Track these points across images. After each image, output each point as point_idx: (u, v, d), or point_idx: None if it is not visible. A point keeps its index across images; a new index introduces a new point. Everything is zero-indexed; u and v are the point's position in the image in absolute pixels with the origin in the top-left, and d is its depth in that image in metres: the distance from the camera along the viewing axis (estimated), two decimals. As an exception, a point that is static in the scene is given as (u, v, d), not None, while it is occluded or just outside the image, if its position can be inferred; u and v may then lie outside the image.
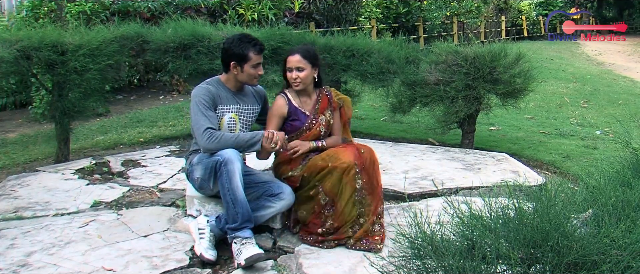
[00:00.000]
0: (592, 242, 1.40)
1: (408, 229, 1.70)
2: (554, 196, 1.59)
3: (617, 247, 1.42)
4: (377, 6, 16.06)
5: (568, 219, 1.50)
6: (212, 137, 3.25)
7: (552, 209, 1.48)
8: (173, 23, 6.23)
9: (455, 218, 1.59)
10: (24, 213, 4.00)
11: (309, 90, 3.70)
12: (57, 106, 5.31)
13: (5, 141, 6.82)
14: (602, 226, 1.48)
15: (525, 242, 1.41)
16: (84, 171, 5.03)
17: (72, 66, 5.11)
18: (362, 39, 6.11)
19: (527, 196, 1.63)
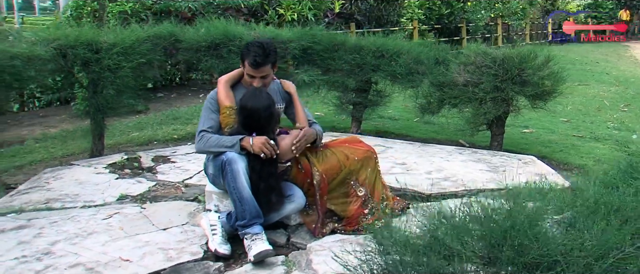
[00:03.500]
0: (552, 243, 1.41)
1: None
2: (527, 196, 1.60)
3: (582, 248, 1.42)
4: (420, 7, 15.98)
5: (536, 219, 1.50)
6: (202, 139, 3.43)
7: (519, 209, 1.50)
8: (206, 22, 6.37)
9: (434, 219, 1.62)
10: (53, 205, 4.16)
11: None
12: (91, 102, 5.50)
13: (46, 136, 7.08)
14: (575, 228, 1.48)
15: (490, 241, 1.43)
16: (115, 166, 5.19)
17: (106, 64, 5.29)
18: (392, 40, 6.13)
19: (503, 197, 1.65)
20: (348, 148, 3.69)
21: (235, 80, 3.65)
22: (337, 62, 6.11)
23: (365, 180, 3.62)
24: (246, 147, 3.30)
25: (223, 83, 3.61)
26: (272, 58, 3.55)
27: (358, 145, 3.76)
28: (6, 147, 6.58)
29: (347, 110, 6.58)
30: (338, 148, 3.71)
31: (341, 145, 3.78)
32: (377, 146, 5.65)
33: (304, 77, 5.99)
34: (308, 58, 6.27)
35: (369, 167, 3.65)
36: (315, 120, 3.86)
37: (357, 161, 3.61)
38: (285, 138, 3.49)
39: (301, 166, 3.52)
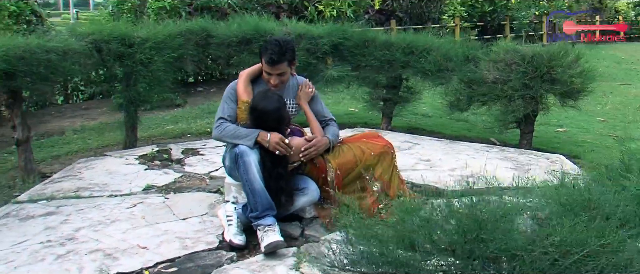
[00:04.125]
0: (514, 238, 1.41)
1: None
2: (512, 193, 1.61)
3: (548, 244, 1.42)
4: (462, 4, 15.80)
5: (505, 215, 1.51)
6: (220, 126, 3.49)
7: (483, 204, 1.51)
8: (238, 18, 6.48)
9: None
10: (82, 193, 4.32)
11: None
12: (124, 95, 5.67)
13: (85, 128, 7.32)
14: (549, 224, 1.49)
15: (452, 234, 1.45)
16: (145, 158, 5.34)
17: (139, 58, 5.44)
18: (422, 37, 6.13)
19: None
20: (365, 143, 3.72)
21: (256, 75, 3.71)
22: (367, 58, 6.13)
23: (381, 175, 3.64)
24: (262, 142, 3.36)
25: (244, 77, 3.67)
26: (288, 56, 3.56)
27: (375, 140, 3.78)
28: (46, 138, 6.83)
29: (378, 106, 6.59)
30: (355, 143, 3.74)
31: (358, 140, 3.81)
32: (404, 143, 5.69)
33: (333, 73, 6.03)
34: (339, 55, 6.31)
35: (385, 162, 3.67)
36: (333, 117, 3.88)
37: (373, 157, 3.63)
38: (295, 139, 3.53)
39: (316, 162, 3.56)
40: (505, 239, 1.42)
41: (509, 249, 1.41)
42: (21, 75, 4.51)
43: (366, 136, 3.89)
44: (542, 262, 1.39)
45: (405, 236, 1.48)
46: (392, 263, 1.45)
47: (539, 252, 1.40)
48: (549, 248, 1.41)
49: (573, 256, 1.37)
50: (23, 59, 4.48)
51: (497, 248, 1.41)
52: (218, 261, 3.16)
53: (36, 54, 4.59)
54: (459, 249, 1.45)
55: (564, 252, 1.40)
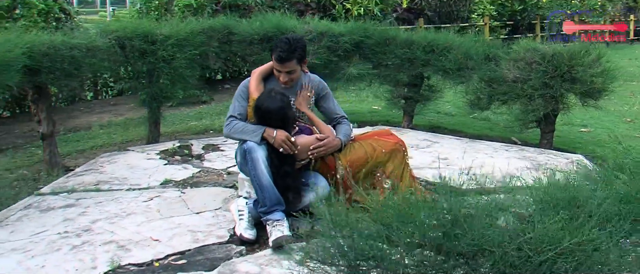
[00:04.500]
0: (485, 234, 1.43)
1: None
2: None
3: (523, 241, 1.43)
4: (491, 3, 15.64)
5: (482, 212, 1.52)
6: (229, 124, 3.56)
7: (457, 201, 1.53)
8: (261, 16, 6.55)
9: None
10: (102, 186, 4.43)
11: None
12: (147, 92, 5.77)
13: (111, 123, 7.47)
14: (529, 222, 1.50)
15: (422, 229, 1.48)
16: (166, 153, 5.44)
17: (161, 55, 5.54)
18: (443, 35, 6.11)
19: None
20: (376, 140, 3.74)
21: (268, 73, 3.75)
22: (388, 56, 6.14)
23: (392, 173, 3.65)
24: (268, 139, 3.41)
25: (256, 75, 3.73)
26: (297, 54, 3.58)
27: (387, 137, 3.79)
28: (73, 133, 6.99)
29: (399, 104, 6.59)
30: (366, 140, 3.76)
31: (370, 137, 3.83)
32: (424, 141, 5.69)
33: (353, 71, 6.05)
34: (360, 53, 6.33)
35: (396, 160, 3.68)
36: (345, 115, 3.90)
37: (384, 154, 3.64)
38: (303, 137, 3.56)
39: (325, 159, 3.60)
40: (477, 235, 1.43)
41: (480, 245, 1.42)
42: (45, 71, 4.63)
43: (378, 133, 3.91)
44: (514, 259, 1.40)
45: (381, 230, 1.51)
46: (368, 256, 1.48)
47: (511, 248, 1.41)
48: (522, 245, 1.42)
49: (546, 254, 1.38)
50: (47, 55, 4.61)
51: (467, 243, 1.43)
52: (227, 255, 3.22)
53: (60, 51, 4.72)
54: (429, 244, 1.47)
55: (537, 249, 1.41)
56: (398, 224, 1.48)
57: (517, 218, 1.63)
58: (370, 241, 1.50)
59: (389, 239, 1.49)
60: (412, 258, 1.49)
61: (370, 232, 1.53)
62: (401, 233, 1.47)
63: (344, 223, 1.60)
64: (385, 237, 1.49)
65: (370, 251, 1.48)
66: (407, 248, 1.49)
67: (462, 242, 1.43)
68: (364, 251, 1.49)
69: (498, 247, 1.41)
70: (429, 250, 1.49)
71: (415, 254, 1.50)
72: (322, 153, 3.55)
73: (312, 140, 3.53)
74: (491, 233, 1.43)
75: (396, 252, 1.50)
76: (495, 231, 1.44)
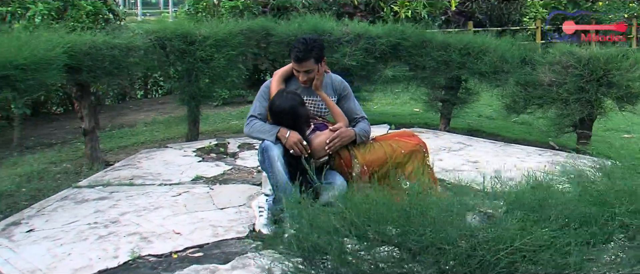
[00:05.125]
0: (437, 231, 1.45)
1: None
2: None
3: (479, 240, 1.45)
4: (544, 6, 15.30)
5: (442, 210, 1.55)
6: (249, 124, 3.64)
7: (418, 199, 1.56)
8: (299, 17, 6.65)
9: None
10: (136, 181, 4.61)
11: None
12: (186, 91, 5.95)
13: (155, 121, 7.72)
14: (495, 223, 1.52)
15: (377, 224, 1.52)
16: (203, 150, 5.59)
17: (199, 55, 5.71)
18: (479, 37, 6.07)
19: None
20: (396, 141, 3.75)
21: (289, 74, 3.83)
22: (424, 58, 6.13)
23: (411, 174, 3.66)
24: (281, 139, 3.48)
25: (277, 76, 3.81)
26: (314, 54, 3.63)
27: (408, 138, 3.80)
28: (119, 129, 7.26)
29: (436, 107, 6.57)
30: (387, 141, 3.78)
31: (391, 138, 3.85)
32: (457, 144, 5.67)
33: (388, 73, 6.08)
34: (397, 55, 6.34)
35: (416, 161, 3.68)
36: (365, 115, 3.92)
37: (404, 155, 3.65)
38: (320, 135, 3.61)
39: (342, 156, 3.63)
40: (430, 231, 1.46)
41: (432, 241, 1.45)
42: (86, 69, 4.84)
43: (399, 134, 3.94)
44: (466, 257, 1.42)
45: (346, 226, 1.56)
46: (320, 249, 1.54)
47: (464, 246, 1.43)
48: (475, 243, 1.44)
49: (498, 253, 1.40)
50: (88, 55, 4.82)
51: (414, 239, 1.46)
52: (243, 249, 3.31)
53: (101, 50, 4.92)
54: (382, 238, 1.51)
55: (489, 248, 1.42)
56: (355, 218, 1.53)
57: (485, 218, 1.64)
58: (325, 234, 1.55)
59: (351, 234, 1.54)
60: (367, 252, 1.54)
61: (324, 224, 1.58)
62: (359, 228, 1.51)
63: (303, 215, 1.65)
64: (347, 230, 1.54)
65: (325, 244, 1.54)
66: (358, 241, 1.53)
67: (409, 238, 1.47)
68: (317, 244, 1.55)
69: (451, 244, 1.43)
70: (383, 245, 1.54)
71: (367, 248, 1.54)
72: (338, 144, 3.58)
73: (326, 135, 3.58)
74: (450, 230, 1.46)
75: (353, 246, 1.55)
76: (453, 230, 1.47)
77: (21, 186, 4.84)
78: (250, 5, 9.38)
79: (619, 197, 1.66)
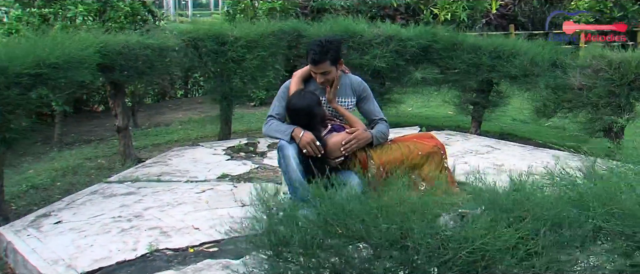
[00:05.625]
0: (399, 228, 1.47)
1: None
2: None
3: (442, 239, 1.47)
4: (588, 10, 14.91)
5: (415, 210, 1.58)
6: (267, 123, 3.70)
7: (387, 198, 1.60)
8: (331, 19, 6.70)
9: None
10: (163, 178, 4.74)
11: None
12: (218, 90, 6.08)
13: (191, 120, 7.89)
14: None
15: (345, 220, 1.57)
16: (232, 149, 5.70)
17: (230, 56, 5.82)
18: (510, 40, 6.03)
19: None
20: (414, 143, 3.76)
21: (308, 75, 3.88)
22: (454, 61, 6.10)
23: (428, 175, 3.67)
24: (295, 139, 3.53)
25: (297, 77, 3.86)
26: (330, 55, 3.65)
27: (426, 140, 3.81)
28: (154, 128, 7.45)
29: (467, 109, 6.53)
30: (404, 142, 3.79)
31: (409, 139, 3.86)
32: (485, 147, 5.63)
33: (418, 75, 6.07)
34: (428, 57, 6.33)
35: (433, 163, 3.68)
36: (384, 117, 3.92)
37: (421, 156, 3.66)
38: (335, 135, 3.64)
39: (359, 156, 3.66)
40: (396, 229, 1.49)
41: (398, 240, 1.48)
42: (119, 69, 4.99)
43: (418, 136, 3.94)
44: (429, 255, 1.44)
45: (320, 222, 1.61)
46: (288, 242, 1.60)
47: (429, 244, 1.46)
48: (438, 240, 1.46)
49: (458, 251, 1.42)
50: (121, 54, 4.97)
51: (376, 235, 1.50)
52: (257, 246, 3.38)
53: (134, 50, 5.08)
54: (352, 234, 1.55)
55: (454, 248, 1.44)
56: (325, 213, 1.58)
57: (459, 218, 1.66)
58: (294, 228, 1.61)
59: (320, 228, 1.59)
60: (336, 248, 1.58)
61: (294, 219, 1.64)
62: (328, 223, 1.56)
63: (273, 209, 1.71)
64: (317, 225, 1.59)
65: (290, 237, 1.60)
66: (326, 235, 1.58)
67: (374, 234, 1.50)
68: (284, 237, 1.61)
69: (415, 242, 1.46)
70: (352, 240, 1.58)
71: (337, 243, 1.58)
72: (354, 146, 3.61)
73: (342, 136, 3.61)
74: (415, 228, 1.49)
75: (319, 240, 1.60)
76: (420, 227, 1.50)
77: (56, 180, 5.05)
78: (288, 7, 9.47)
79: (597, 200, 1.66)
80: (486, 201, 1.71)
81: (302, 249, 1.62)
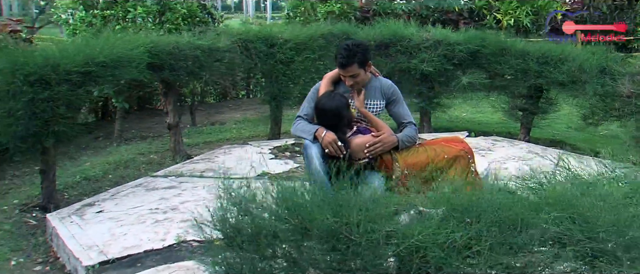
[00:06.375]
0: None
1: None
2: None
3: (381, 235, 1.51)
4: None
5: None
6: (295, 123, 3.79)
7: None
8: (382, 22, 6.74)
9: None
10: (206, 174, 4.92)
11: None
12: (268, 91, 6.24)
13: (246, 120, 8.09)
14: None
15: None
16: (278, 149, 5.83)
17: (279, 57, 5.96)
18: (559, 46, 5.89)
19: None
20: (441, 146, 3.75)
21: (338, 77, 3.94)
22: (502, 66, 6.02)
23: (453, 179, 3.65)
24: (318, 139, 3.60)
25: (327, 79, 3.93)
26: (358, 58, 3.68)
27: (454, 144, 3.78)
28: (209, 126, 7.69)
29: (516, 115, 6.42)
30: (431, 145, 3.80)
31: (437, 143, 3.86)
32: (529, 153, 5.54)
33: (464, 80, 6.02)
34: (476, 62, 6.26)
35: (459, 166, 3.66)
36: (412, 121, 3.91)
37: (446, 160, 3.65)
38: (360, 137, 3.68)
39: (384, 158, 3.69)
40: (333, 222, 1.56)
41: (336, 231, 1.54)
42: (168, 68, 5.22)
43: (447, 139, 3.92)
44: (363, 247, 1.49)
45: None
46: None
47: (365, 239, 1.51)
48: (384, 238, 1.50)
49: (392, 247, 1.46)
50: (171, 54, 5.19)
51: (318, 227, 1.57)
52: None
53: (183, 51, 5.29)
54: (298, 224, 1.62)
55: (392, 243, 1.48)
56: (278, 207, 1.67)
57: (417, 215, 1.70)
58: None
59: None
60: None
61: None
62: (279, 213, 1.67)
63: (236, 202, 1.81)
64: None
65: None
66: (278, 222, 1.67)
67: (320, 225, 1.57)
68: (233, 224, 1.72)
69: (356, 235, 1.52)
70: (300, 230, 1.65)
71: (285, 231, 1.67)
72: (379, 150, 3.64)
73: (367, 138, 3.65)
74: (356, 222, 1.56)
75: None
76: (367, 221, 1.55)
77: (108, 173, 5.33)
78: (346, 10, 9.56)
79: (553, 204, 1.66)
80: (445, 201, 1.73)
81: (253, 238, 1.72)
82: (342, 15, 9.41)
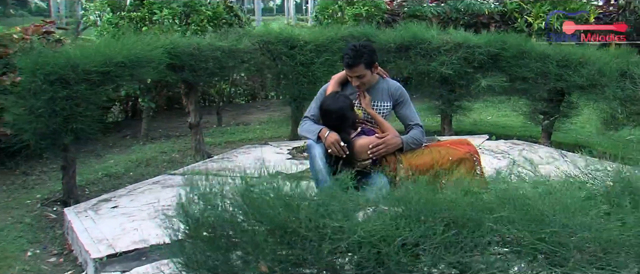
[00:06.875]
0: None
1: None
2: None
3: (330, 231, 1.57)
4: None
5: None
6: (301, 123, 3.88)
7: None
8: (403, 25, 6.76)
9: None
10: (221, 172, 5.02)
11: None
12: (287, 92, 6.32)
13: (270, 120, 8.19)
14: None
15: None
16: (297, 149, 5.91)
17: (299, 59, 6.04)
18: (580, 49, 5.82)
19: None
20: (447, 148, 3.77)
21: (346, 79, 4.00)
22: (522, 69, 5.97)
23: (457, 181, 3.67)
24: (321, 139, 3.66)
25: (334, 80, 3.99)
26: (364, 59, 3.73)
27: (460, 146, 3.80)
28: (233, 126, 7.81)
29: (537, 119, 6.35)
30: (437, 147, 3.82)
31: (443, 145, 3.88)
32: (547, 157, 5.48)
33: (483, 83, 6.00)
34: (497, 65, 6.23)
35: (464, 168, 3.67)
36: (419, 123, 3.92)
37: (451, 162, 3.67)
38: (363, 138, 3.72)
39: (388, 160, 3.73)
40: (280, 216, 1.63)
41: (285, 225, 1.61)
42: (188, 68, 5.34)
43: (453, 142, 3.94)
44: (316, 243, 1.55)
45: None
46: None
47: (315, 234, 1.56)
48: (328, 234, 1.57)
49: (337, 242, 1.51)
50: (192, 55, 5.32)
51: (268, 221, 1.63)
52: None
53: (204, 52, 5.41)
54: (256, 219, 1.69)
55: (335, 238, 1.54)
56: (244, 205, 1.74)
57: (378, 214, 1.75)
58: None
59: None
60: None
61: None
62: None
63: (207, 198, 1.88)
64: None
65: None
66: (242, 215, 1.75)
67: (273, 219, 1.64)
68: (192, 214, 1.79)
69: (304, 230, 1.58)
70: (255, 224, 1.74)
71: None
72: (383, 151, 3.68)
73: (371, 139, 3.69)
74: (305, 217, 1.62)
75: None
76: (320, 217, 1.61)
77: (130, 170, 5.49)
78: (374, 13, 9.58)
79: (504, 204, 1.68)
80: (400, 200, 1.78)
81: (211, 229, 1.80)
82: (370, 18, 9.43)
